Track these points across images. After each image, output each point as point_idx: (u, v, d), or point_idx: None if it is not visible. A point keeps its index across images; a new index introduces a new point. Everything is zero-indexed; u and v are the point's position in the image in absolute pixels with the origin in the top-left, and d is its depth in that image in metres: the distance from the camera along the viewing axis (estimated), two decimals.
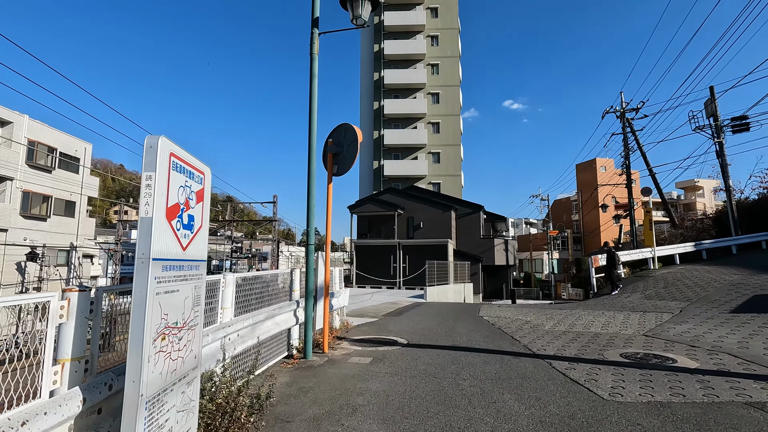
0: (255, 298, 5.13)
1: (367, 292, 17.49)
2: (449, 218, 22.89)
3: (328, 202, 6.30)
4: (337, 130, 6.46)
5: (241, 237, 78.08)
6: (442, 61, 40.75)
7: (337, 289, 8.35)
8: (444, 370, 5.20)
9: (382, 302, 14.12)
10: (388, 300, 14.91)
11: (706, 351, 5.89)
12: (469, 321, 9.31)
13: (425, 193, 25.50)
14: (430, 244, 20.50)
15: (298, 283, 6.32)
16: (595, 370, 5.09)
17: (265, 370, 5.14)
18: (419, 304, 13.83)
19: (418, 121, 40.01)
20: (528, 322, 8.89)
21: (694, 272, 13.90)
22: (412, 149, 39.62)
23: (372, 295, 16.78)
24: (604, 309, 10.30)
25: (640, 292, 12.36)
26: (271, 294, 5.74)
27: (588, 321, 8.72)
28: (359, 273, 21.07)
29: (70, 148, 25.92)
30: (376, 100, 40.66)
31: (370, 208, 23.00)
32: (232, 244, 55.34)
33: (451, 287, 18.05)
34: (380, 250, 21.28)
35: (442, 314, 10.66)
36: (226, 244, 61.40)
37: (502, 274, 24.57)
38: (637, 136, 23.93)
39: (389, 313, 10.97)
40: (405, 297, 16.52)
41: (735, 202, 19.62)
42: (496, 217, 27.04)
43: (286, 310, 5.66)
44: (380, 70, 40.72)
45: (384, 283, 20.57)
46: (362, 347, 6.60)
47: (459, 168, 39.54)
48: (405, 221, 23.50)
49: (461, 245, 23.68)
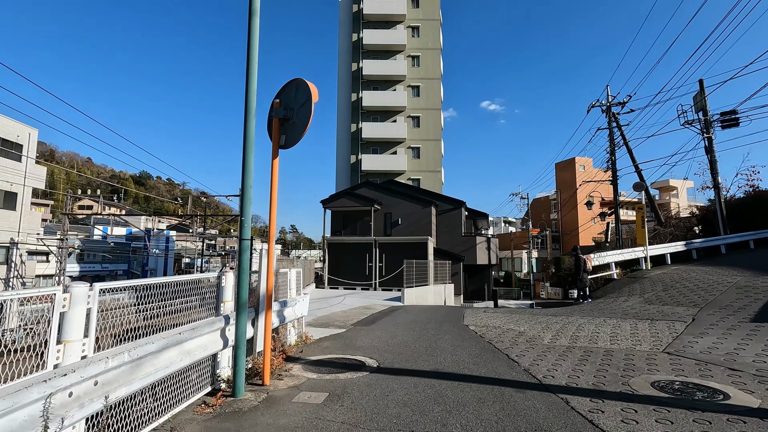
0: (153, 315, 3.52)
1: (338, 295, 15.95)
2: (429, 214, 21.53)
3: (273, 183, 4.74)
4: (287, 89, 4.88)
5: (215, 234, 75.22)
6: (423, 53, 39.43)
7: (293, 295, 6.77)
8: (425, 415, 3.72)
9: (354, 306, 12.59)
10: (361, 304, 13.39)
11: (754, 377, 4.63)
12: (453, 332, 7.88)
13: (404, 187, 24.08)
14: (409, 242, 19.08)
15: (232, 290, 4.72)
16: (629, 412, 3.71)
17: (167, 421, 3.54)
18: (396, 308, 12.37)
19: (398, 115, 38.59)
20: (522, 334, 7.53)
21: (691, 273, 12.93)
22: (391, 143, 38.18)
23: (344, 298, 15.23)
24: (605, 316, 9.07)
25: (638, 295, 11.25)
26: (189, 307, 4.14)
27: (591, 332, 7.43)
28: (331, 273, 19.45)
29: (11, 133, 23.26)
30: (354, 91, 39.01)
31: (344, 203, 21.39)
32: (203, 242, 52.73)
33: (431, 288, 16.69)
34: (355, 248, 19.71)
35: (422, 322, 9.22)
36: (198, 241, 58.67)
37: (484, 273, 23.43)
38: (623, 131, 23.18)
39: (360, 322, 9.45)
40: (380, 300, 15.05)
41: (729, 199, 18.96)
42: (478, 214, 25.91)
43: (206, 330, 4.07)
44: (359, 61, 39.07)
45: (358, 283, 19.06)
46: (318, 374, 5.06)
47: (439, 164, 38.34)
48: (382, 217, 22.03)
49: (442, 243, 22.39)
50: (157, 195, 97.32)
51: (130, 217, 70.15)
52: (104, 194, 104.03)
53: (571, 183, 61.16)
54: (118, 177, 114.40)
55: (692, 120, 19.41)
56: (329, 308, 12.03)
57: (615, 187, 23.08)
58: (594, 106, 24.03)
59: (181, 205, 71.09)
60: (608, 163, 23.79)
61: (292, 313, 6.42)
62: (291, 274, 6.82)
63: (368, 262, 19.25)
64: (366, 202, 20.90)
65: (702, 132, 19.16)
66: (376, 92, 38.20)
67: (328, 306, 12.52)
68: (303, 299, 7.04)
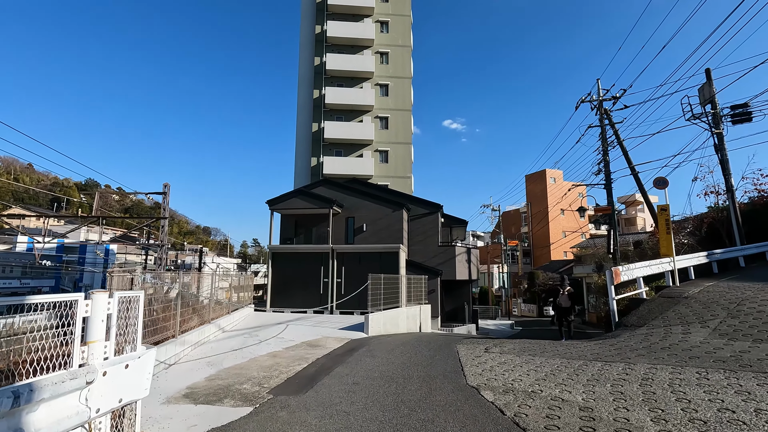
0: None
1: (280, 321, 11.83)
2: (400, 219, 17.89)
3: None
4: None
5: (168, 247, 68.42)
6: (392, 50, 36.44)
7: (100, 356, 2.82)
8: None
9: (294, 343, 8.61)
10: (305, 338, 9.42)
11: None
12: (459, 413, 4.14)
13: (370, 187, 20.28)
14: (376, 251, 15.21)
15: None
16: None
17: None
18: (356, 346, 8.49)
19: (365, 114, 35.16)
20: (587, 411, 3.89)
21: (737, 292, 9.90)
22: (356, 146, 34.59)
23: (285, 328, 11.12)
24: (681, 363, 5.62)
25: (699, 324, 7.97)
26: None
27: (714, 406, 3.89)
28: (277, 292, 15.17)
29: None
30: (316, 88, 35.32)
31: (296, 204, 17.31)
32: (146, 254, 47.30)
33: (404, 312, 12.93)
34: (307, 260, 15.57)
35: (396, 381, 5.43)
36: (142, 254, 52.43)
37: (463, 290, 19.95)
38: (617, 129, 20.73)
39: (290, 381, 5.53)
40: (336, 329, 11.11)
41: (738, 205, 16.53)
42: (455, 221, 22.49)
43: None
44: (322, 55, 35.53)
45: (311, 304, 14.97)
46: None
47: (409, 169, 35.08)
48: (343, 222, 18.15)
49: (415, 254, 18.77)
50: (104, 205, 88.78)
51: (69, 227, 62.52)
52: (45, 203, 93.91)
53: (542, 195, 59.83)
54: (61, 185, 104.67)
55: (699, 114, 17.04)
56: (253, 348, 7.96)
57: (609, 191, 20.45)
58: (584, 102, 21.51)
59: (131, 216, 63.48)
60: (599, 165, 21.22)
61: (100, 402, 2.47)
62: (96, 310, 2.87)
63: (323, 277, 15.17)
64: (324, 203, 16.98)
65: (710, 127, 16.78)
66: (340, 89, 34.70)
67: (253, 343, 8.43)
68: (136, 361, 3.08)
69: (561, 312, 10.71)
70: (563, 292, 10.71)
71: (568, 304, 10.69)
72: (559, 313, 10.80)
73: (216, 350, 7.71)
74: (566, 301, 10.68)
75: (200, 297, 9.31)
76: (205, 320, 8.97)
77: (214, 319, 9.82)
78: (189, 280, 8.58)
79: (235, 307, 12.95)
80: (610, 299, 9.60)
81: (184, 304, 7.54)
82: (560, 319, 10.79)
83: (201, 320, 8.74)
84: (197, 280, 9.20)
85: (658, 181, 12.36)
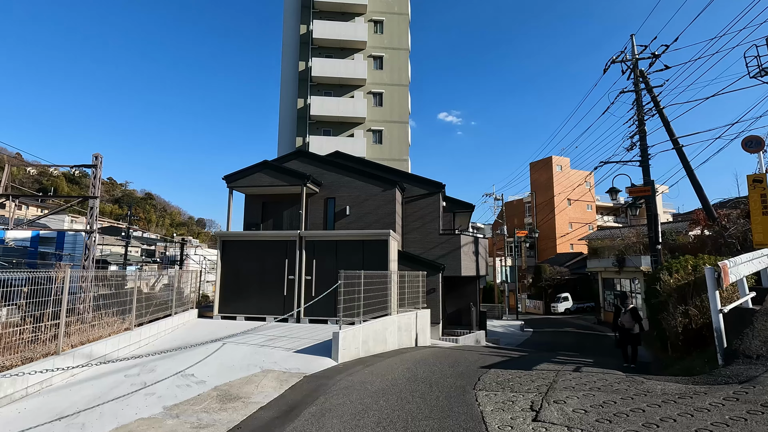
0: None
1: (218, 338, 8.16)
2: (392, 200, 14.25)
3: None
4: None
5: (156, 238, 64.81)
6: (387, 18, 32.57)
7: None
8: None
9: (197, 392, 5.05)
10: (228, 375, 5.85)
11: None
12: None
13: (356, 162, 16.47)
14: (358, 240, 11.42)
15: None
16: None
17: None
18: (300, 402, 4.94)
19: (356, 90, 31.41)
20: None
21: None
22: (347, 124, 30.88)
23: (217, 349, 7.55)
24: None
25: None
26: None
27: None
28: (228, 292, 11.45)
29: None
30: (302, 59, 31.48)
31: (262, 180, 13.50)
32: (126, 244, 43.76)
33: (394, 321, 9.42)
34: (269, 251, 11.79)
35: None
36: (130, 245, 49.19)
37: (469, 288, 16.39)
38: (655, 94, 17.14)
39: None
40: (290, 353, 7.54)
41: None
42: (459, 205, 18.64)
43: None
44: (309, 22, 31.65)
45: (272, 310, 11.27)
46: None
47: (406, 152, 31.43)
48: (322, 204, 14.48)
49: (410, 244, 15.22)
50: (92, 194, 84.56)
51: (54, 216, 58.72)
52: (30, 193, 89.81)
53: (547, 184, 56.22)
54: (49, 174, 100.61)
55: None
56: (111, 406, 4.35)
57: (645, 168, 16.86)
58: (614, 62, 17.86)
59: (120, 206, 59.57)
60: (632, 138, 17.65)
61: None
62: None
63: (288, 274, 11.47)
64: (296, 180, 13.29)
65: None
66: (329, 60, 30.88)
67: (125, 393, 4.84)
68: None
69: (625, 336, 8.50)
70: (624, 311, 8.56)
71: (632, 325, 8.43)
72: (623, 337, 8.55)
73: (30, 416, 4.17)
74: (629, 321, 8.44)
75: (61, 306, 5.75)
76: (53, 350, 5.40)
77: (86, 342, 6.29)
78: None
79: (162, 314, 9.39)
80: (713, 312, 6.11)
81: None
82: (624, 343, 8.60)
83: (46, 350, 5.18)
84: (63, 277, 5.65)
85: (748, 142, 8.87)
